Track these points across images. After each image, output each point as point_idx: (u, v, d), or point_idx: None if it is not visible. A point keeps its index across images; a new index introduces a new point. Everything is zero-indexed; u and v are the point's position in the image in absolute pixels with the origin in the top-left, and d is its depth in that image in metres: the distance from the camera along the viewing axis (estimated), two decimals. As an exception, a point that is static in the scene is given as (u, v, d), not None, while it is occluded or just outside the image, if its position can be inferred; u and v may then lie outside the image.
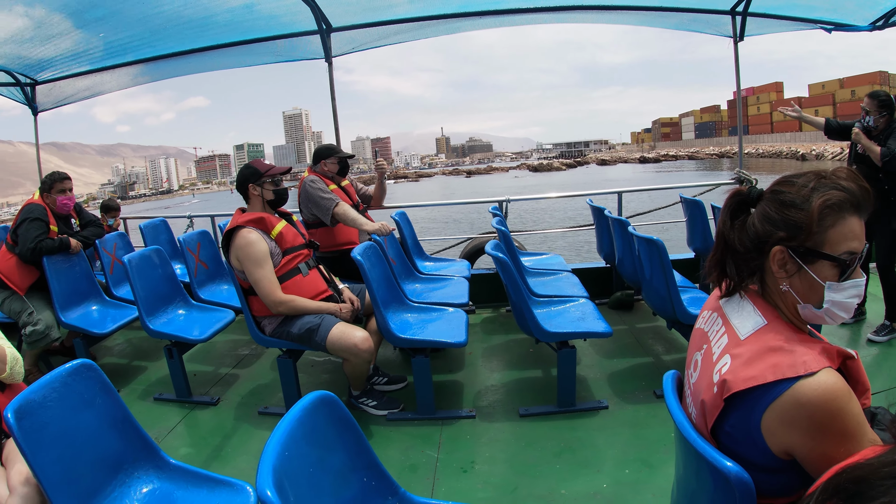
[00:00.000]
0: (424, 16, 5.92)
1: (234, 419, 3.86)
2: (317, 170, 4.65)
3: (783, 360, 1.22)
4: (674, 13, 6.12)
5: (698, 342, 1.51)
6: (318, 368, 4.54)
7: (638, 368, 4.21)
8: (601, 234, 5.51)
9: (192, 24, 5.47)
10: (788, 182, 1.34)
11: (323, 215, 4.38)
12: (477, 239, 6.53)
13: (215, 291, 5.01)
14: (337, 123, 6.52)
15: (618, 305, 5.46)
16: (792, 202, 1.30)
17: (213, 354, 4.97)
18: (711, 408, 1.32)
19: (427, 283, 4.71)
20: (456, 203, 8.18)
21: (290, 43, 6.16)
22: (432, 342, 3.52)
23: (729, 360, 1.32)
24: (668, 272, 3.62)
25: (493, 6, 5.87)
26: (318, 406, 1.55)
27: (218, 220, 6.65)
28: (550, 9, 5.92)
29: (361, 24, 5.97)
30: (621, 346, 4.59)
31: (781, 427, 1.20)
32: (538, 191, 55.82)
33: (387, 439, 3.45)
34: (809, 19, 6.21)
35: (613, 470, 3.02)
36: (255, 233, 3.45)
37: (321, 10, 5.43)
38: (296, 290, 3.54)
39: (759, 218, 1.36)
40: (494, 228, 4.61)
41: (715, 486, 1.29)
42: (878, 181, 4.29)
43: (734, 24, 6.16)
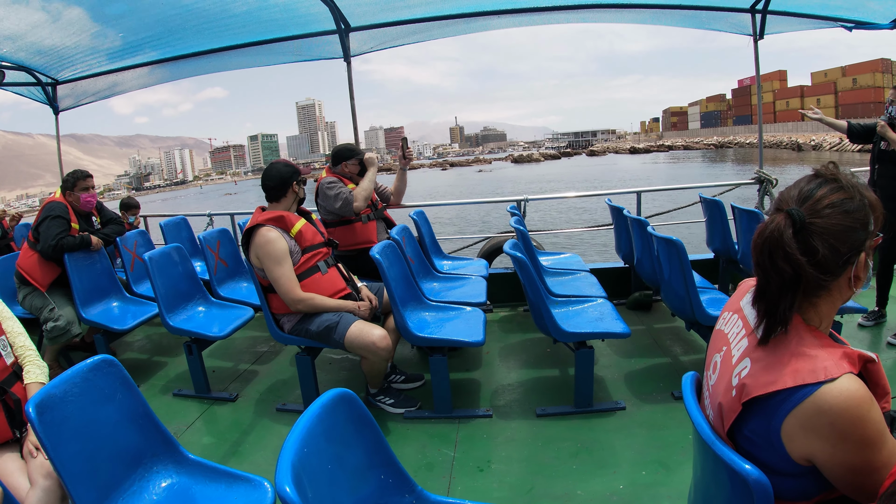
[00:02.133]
0: (442, 15, 5.92)
1: (252, 415, 3.90)
2: (336, 171, 4.68)
3: (804, 366, 1.21)
4: (693, 11, 6.07)
5: (718, 344, 1.49)
6: (335, 366, 4.56)
7: (656, 369, 4.19)
8: (620, 234, 5.48)
9: (210, 23, 5.52)
10: (830, 191, 1.29)
11: (345, 211, 4.41)
12: (495, 238, 6.53)
13: (235, 289, 5.05)
14: (356, 122, 6.54)
15: (636, 306, 5.44)
16: (856, 206, 1.28)
17: (232, 351, 5.01)
18: (729, 411, 1.31)
19: (445, 282, 4.71)
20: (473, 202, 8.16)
21: (308, 42, 6.20)
22: (450, 341, 3.53)
23: (749, 363, 1.31)
24: (687, 273, 3.59)
25: (510, 5, 5.86)
26: (338, 403, 1.57)
27: (238, 218, 6.70)
28: (568, 7, 5.90)
29: (379, 24, 6.00)
30: (639, 347, 4.57)
31: (802, 433, 1.19)
32: (498, 187, 55.47)
33: (404, 437, 3.47)
34: (830, 17, 6.14)
35: (630, 471, 3.00)
36: (274, 231, 3.48)
37: (340, 9, 5.46)
38: (315, 287, 3.56)
39: (835, 238, 1.26)
40: (513, 228, 4.60)
41: (733, 489, 1.29)
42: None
43: (754, 22, 6.11)
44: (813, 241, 1.26)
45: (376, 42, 6.28)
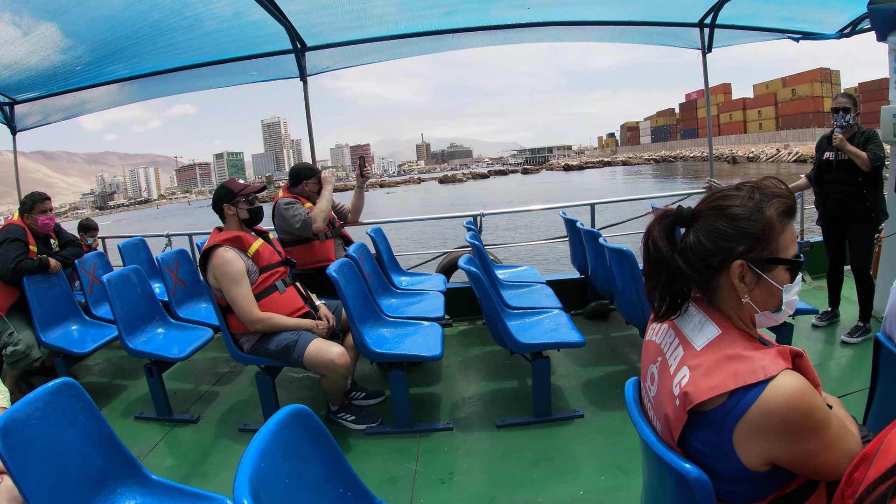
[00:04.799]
0: (401, 34, 5.98)
1: (214, 436, 3.87)
2: (295, 190, 4.67)
3: (742, 367, 1.24)
4: (643, 27, 6.25)
5: (652, 355, 1.52)
6: (297, 385, 4.55)
7: (613, 377, 4.27)
8: (575, 245, 5.58)
9: (168, 44, 5.48)
10: (727, 196, 1.36)
11: (304, 231, 4.42)
12: (453, 253, 6.58)
13: (194, 310, 5.01)
14: (312, 141, 6.55)
15: (593, 315, 5.53)
16: (744, 215, 1.32)
17: (192, 372, 4.96)
18: (676, 421, 1.33)
19: (403, 298, 4.74)
20: (431, 218, 8.18)
21: (265, 62, 6.19)
22: (408, 356, 3.56)
23: (688, 372, 1.32)
24: (638, 282, 3.69)
25: (468, 24, 5.95)
26: (293, 419, 1.59)
27: (196, 238, 6.65)
28: (529, 25, 6.03)
29: (337, 43, 6.03)
30: (597, 356, 4.65)
31: (756, 438, 1.21)
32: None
33: (366, 453, 3.48)
34: (777, 29, 6.36)
35: (590, 477, 3.06)
36: (231, 251, 3.48)
37: (296, 29, 5.48)
38: (273, 307, 3.57)
39: (707, 236, 1.34)
40: (468, 242, 4.66)
41: (677, 490, 1.33)
42: (858, 185, 4.40)
43: (702, 37, 6.30)
44: (688, 235, 1.38)
45: (333, 61, 6.30)
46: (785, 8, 5.80)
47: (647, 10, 5.91)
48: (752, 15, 6.08)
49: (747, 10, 5.91)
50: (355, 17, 5.45)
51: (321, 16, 5.36)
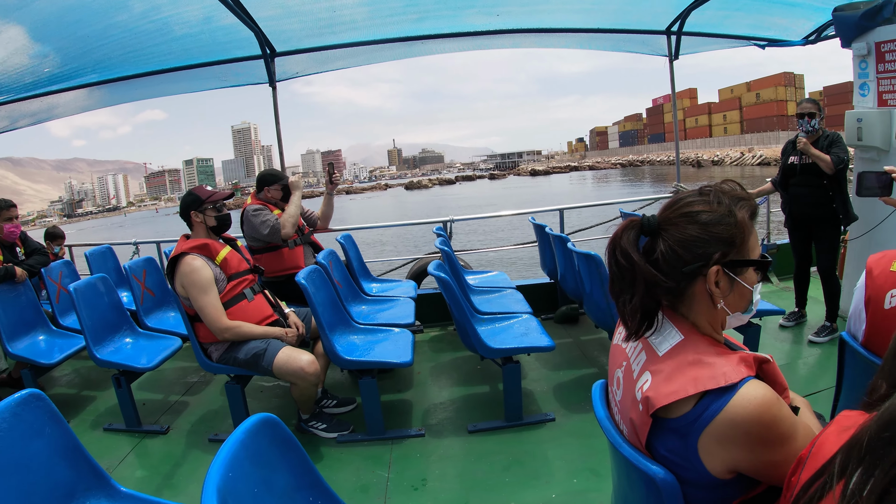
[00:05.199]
0: (372, 40, 5.97)
1: (184, 447, 3.81)
2: (260, 197, 4.64)
3: (703, 373, 1.25)
4: (611, 34, 6.33)
5: (618, 359, 1.52)
6: (267, 393, 4.51)
7: (584, 380, 4.31)
8: (544, 250, 5.61)
9: (137, 48, 5.39)
10: (693, 202, 1.35)
11: (273, 238, 4.39)
12: (423, 259, 6.59)
13: (162, 319, 4.94)
14: (281, 147, 6.52)
15: (563, 319, 5.57)
16: (716, 220, 1.31)
17: (161, 382, 4.89)
18: (641, 425, 1.33)
19: (373, 305, 4.73)
20: (401, 224, 8.19)
21: (234, 68, 6.13)
22: (378, 363, 3.55)
23: (649, 377, 1.33)
24: (606, 285, 3.71)
25: (439, 30, 5.96)
26: (261, 428, 1.57)
27: (164, 246, 6.57)
28: (500, 32, 6.06)
29: (307, 49, 6.00)
30: (567, 359, 4.69)
31: (720, 447, 1.22)
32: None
33: (338, 461, 3.46)
34: (743, 36, 6.48)
35: (562, 480, 3.09)
36: (199, 259, 3.44)
37: (265, 35, 5.44)
38: (241, 315, 3.54)
39: (680, 244, 1.32)
40: (437, 249, 4.67)
41: (645, 490, 1.34)
42: (823, 188, 4.50)
43: (669, 44, 6.39)
44: (656, 244, 1.35)
45: (303, 67, 6.27)
46: (751, 16, 5.91)
47: (616, 18, 5.98)
48: (718, 23, 6.17)
49: (714, 18, 6.00)
50: (325, 24, 5.44)
51: (291, 22, 5.34)
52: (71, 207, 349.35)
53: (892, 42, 4.39)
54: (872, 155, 4.64)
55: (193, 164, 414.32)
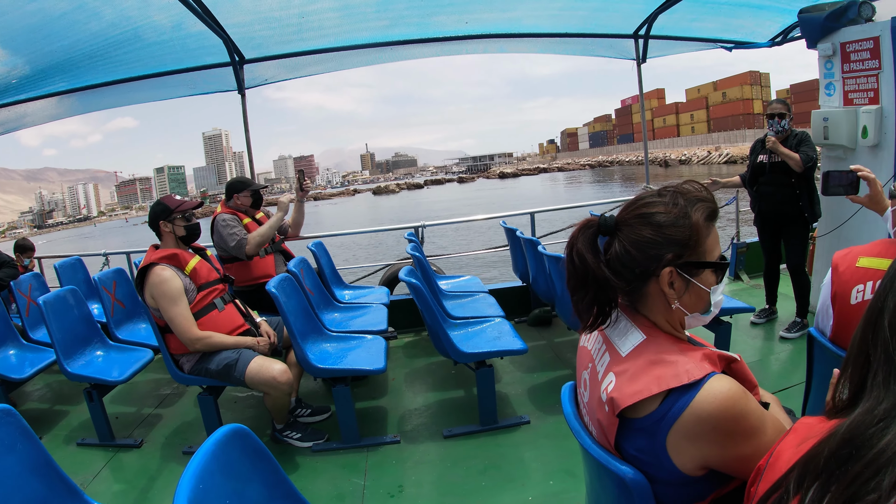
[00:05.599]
0: (341, 46, 5.95)
1: (159, 461, 3.76)
2: (230, 205, 4.61)
3: (666, 371, 1.26)
4: (580, 39, 6.38)
5: (584, 361, 1.53)
6: (241, 404, 4.46)
7: (557, 381, 4.31)
8: (516, 254, 5.63)
9: (106, 56, 5.31)
10: (650, 203, 1.36)
11: (238, 253, 4.36)
12: (396, 265, 6.58)
13: (133, 330, 4.87)
14: (251, 154, 6.47)
15: (537, 322, 5.59)
16: (670, 222, 1.32)
17: (134, 395, 4.81)
18: (608, 426, 1.34)
19: (346, 312, 4.71)
20: (373, 231, 8.18)
21: (203, 75, 6.07)
22: (351, 371, 3.54)
23: (613, 378, 1.33)
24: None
25: (409, 36, 5.96)
26: (231, 439, 1.56)
27: (133, 256, 6.48)
28: (469, 37, 6.09)
29: (277, 56, 5.96)
30: (541, 362, 4.71)
31: (688, 444, 1.22)
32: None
33: (313, 471, 3.43)
34: (710, 39, 6.57)
35: (539, 482, 3.10)
36: (168, 269, 3.41)
37: (234, 42, 5.40)
38: (212, 325, 3.50)
39: (634, 245, 1.34)
40: (409, 254, 4.67)
41: (617, 491, 1.35)
42: (791, 187, 4.59)
43: (637, 48, 6.47)
44: (612, 244, 1.38)
45: (272, 74, 6.24)
46: (718, 19, 5.99)
47: (584, 23, 6.03)
48: (685, 26, 6.25)
49: (681, 22, 6.07)
50: (295, 30, 5.41)
51: (260, 28, 5.31)
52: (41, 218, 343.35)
53: (857, 42, 4.49)
54: (839, 153, 4.74)
55: (164, 172, 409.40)
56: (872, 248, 2.05)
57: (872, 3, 4.48)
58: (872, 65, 4.42)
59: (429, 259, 5.59)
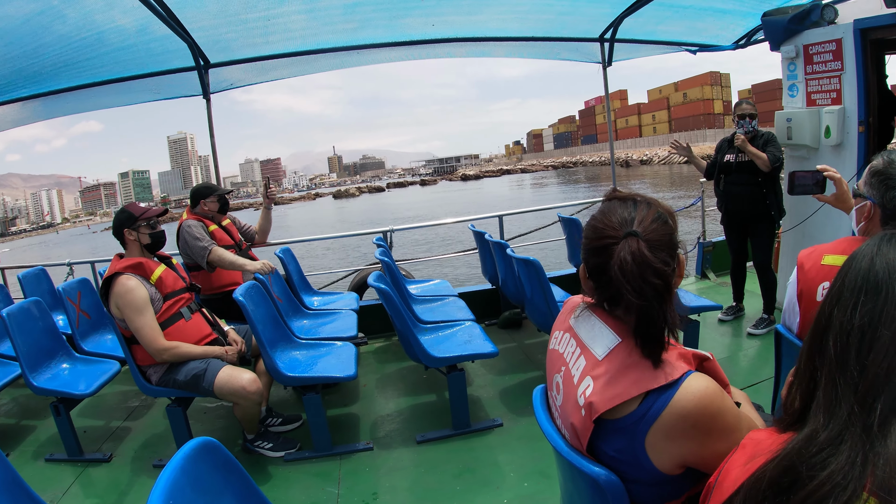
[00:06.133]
0: (307, 50, 5.88)
1: (128, 475, 3.67)
2: (196, 211, 4.55)
3: (643, 374, 1.27)
4: (546, 42, 6.41)
5: (556, 364, 1.53)
6: (210, 415, 4.39)
7: (529, 383, 4.33)
8: (485, 257, 5.64)
9: (70, 61, 5.18)
10: (643, 208, 1.37)
11: (200, 261, 4.30)
12: (365, 270, 6.54)
13: (99, 342, 4.74)
14: (216, 159, 6.37)
15: (507, 324, 5.61)
16: (665, 216, 1.36)
17: (102, 408, 4.69)
18: (583, 430, 1.34)
19: (315, 319, 4.67)
20: (341, 236, 8.14)
21: (167, 80, 5.94)
22: (322, 378, 3.52)
23: (591, 382, 1.33)
24: (546, 290, 3.76)
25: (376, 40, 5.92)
26: (200, 453, 1.52)
27: (98, 266, 6.35)
28: (435, 41, 6.07)
29: (242, 60, 5.86)
30: (512, 364, 4.72)
31: (669, 443, 1.24)
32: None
33: (286, 480, 3.40)
34: (674, 42, 6.66)
35: (513, 485, 3.11)
36: (134, 279, 3.34)
37: (199, 46, 5.31)
38: (179, 335, 3.44)
39: (665, 245, 1.32)
40: (378, 259, 4.65)
41: (592, 493, 1.35)
42: (758, 186, 4.67)
43: (603, 51, 6.52)
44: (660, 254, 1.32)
45: (238, 78, 6.15)
46: (683, 23, 6.06)
47: (550, 26, 6.05)
48: (651, 30, 6.32)
49: (646, 26, 6.13)
50: (260, 34, 5.33)
51: (226, 32, 5.21)
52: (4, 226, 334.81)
53: (820, 45, 4.60)
54: (802, 153, 4.84)
55: (129, 176, 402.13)
56: (837, 246, 2.09)
57: (835, 7, 4.59)
58: (835, 66, 4.52)
59: (398, 263, 5.57)
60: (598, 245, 1.35)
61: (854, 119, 4.45)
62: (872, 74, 4.45)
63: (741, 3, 5.48)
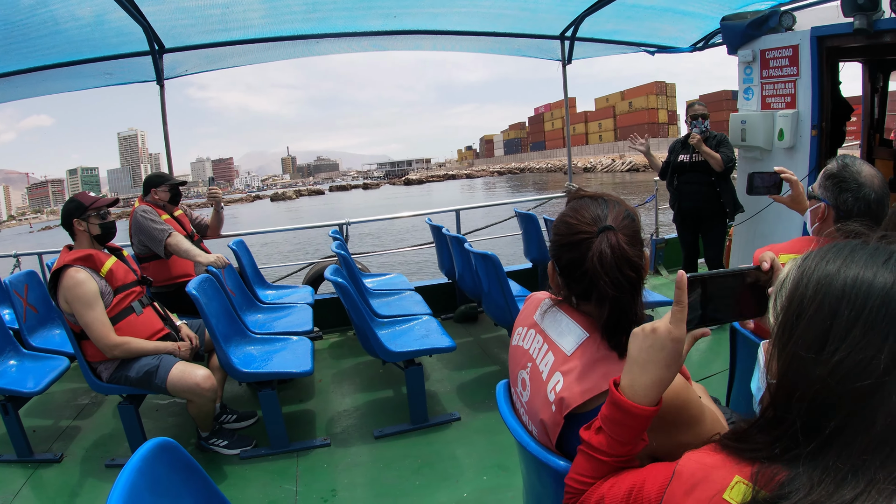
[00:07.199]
0: (267, 37, 5.75)
1: (80, 475, 3.55)
2: (148, 200, 4.43)
3: (613, 368, 1.28)
4: (508, 38, 6.44)
5: (521, 360, 1.53)
6: (163, 412, 4.28)
7: (486, 377, 4.36)
8: (441, 251, 5.64)
9: (18, 44, 4.94)
10: (611, 206, 1.39)
11: (155, 247, 4.18)
12: (320, 263, 6.47)
13: (48, 337, 4.56)
14: (169, 149, 6.19)
15: (463, 319, 5.62)
16: (633, 213, 1.40)
17: (51, 406, 4.53)
18: (552, 426, 1.35)
19: (269, 313, 4.60)
20: (295, 228, 8.03)
21: (120, 64, 5.72)
22: (277, 374, 3.47)
23: (561, 377, 1.35)
24: (504, 284, 3.78)
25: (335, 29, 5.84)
26: (158, 453, 1.47)
27: (46, 258, 6.12)
28: (395, 32, 6.02)
29: (198, 45, 5.67)
30: (469, 358, 4.73)
31: None
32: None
33: (243, 479, 3.33)
34: (633, 42, 6.79)
35: (472, 478, 3.12)
36: (83, 272, 3.23)
37: (154, 29, 5.13)
38: (130, 330, 3.34)
39: (636, 239, 1.36)
40: (334, 252, 4.60)
41: (556, 487, 1.34)
42: (711, 185, 4.77)
43: (563, 49, 6.59)
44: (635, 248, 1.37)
45: (193, 64, 5.99)
46: (643, 24, 6.18)
47: (512, 23, 6.08)
48: (611, 30, 6.42)
49: (606, 25, 6.22)
50: (218, 19, 5.19)
51: (182, 17, 5.05)
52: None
53: (777, 50, 4.74)
54: (756, 154, 4.98)
55: (78, 173, 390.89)
56: (792, 246, 2.15)
57: (793, 14, 4.71)
58: (790, 71, 4.66)
59: (354, 257, 5.53)
60: (572, 240, 1.37)
61: (807, 123, 4.60)
62: (827, 80, 4.60)
63: (701, 6, 5.59)
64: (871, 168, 2.02)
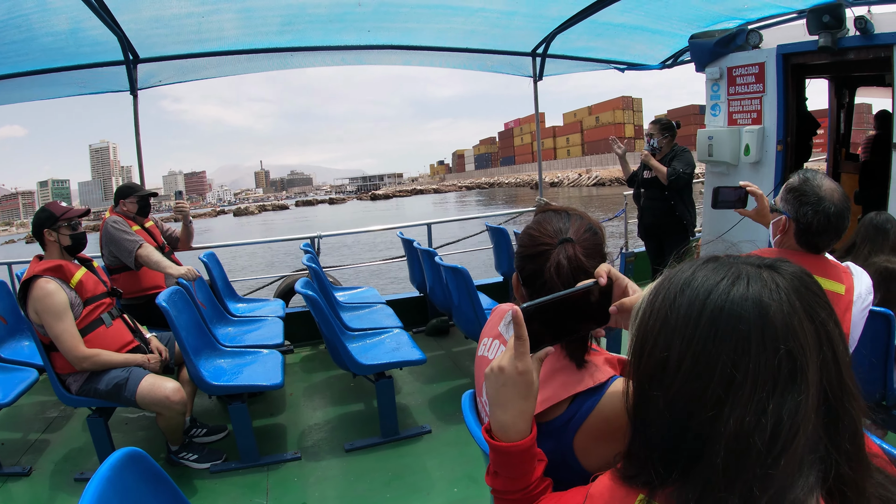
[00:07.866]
0: (243, 49, 5.76)
1: (49, 489, 3.50)
2: (118, 210, 4.40)
3: (571, 378, 1.31)
4: (481, 55, 6.54)
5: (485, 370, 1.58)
6: (132, 426, 4.23)
7: (457, 390, 4.38)
8: (413, 264, 5.67)
9: None
10: (574, 220, 1.42)
11: (126, 258, 4.15)
12: (291, 276, 6.46)
13: (16, 348, 4.48)
14: (141, 161, 6.13)
15: (434, 332, 5.65)
16: (596, 226, 1.43)
17: (19, 419, 4.46)
18: None
19: (240, 326, 4.59)
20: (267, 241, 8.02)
21: (94, 73, 5.68)
22: (247, 387, 3.47)
23: None
24: (474, 297, 3.82)
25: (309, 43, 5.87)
26: (127, 464, 1.48)
27: (16, 268, 6.03)
28: (369, 47, 6.07)
29: (173, 56, 5.66)
30: (440, 371, 4.76)
31: (596, 444, 1.27)
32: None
33: (213, 493, 3.31)
34: (604, 60, 6.91)
35: (443, 490, 3.14)
36: (53, 282, 3.20)
37: (129, 39, 5.10)
38: (99, 342, 3.32)
39: (590, 251, 1.38)
40: (305, 266, 4.61)
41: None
42: (665, 200, 4.87)
43: (534, 65, 6.69)
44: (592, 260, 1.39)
45: (167, 75, 5.95)
46: (614, 41, 6.30)
47: (485, 39, 6.17)
48: (581, 47, 6.53)
49: (577, 42, 6.32)
50: (193, 30, 5.18)
51: (157, 26, 5.04)
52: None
53: (744, 67, 4.88)
54: (722, 169, 5.10)
55: (48, 185, 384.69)
56: None
57: (760, 32, 4.85)
58: (757, 88, 4.80)
59: (325, 270, 5.53)
60: (533, 252, 1.39)
61: (773, 138, 4.72)
62: (792, 97, 4.74)
63: (670, 25, 5.71)
64: (831, 182, 2.09)
